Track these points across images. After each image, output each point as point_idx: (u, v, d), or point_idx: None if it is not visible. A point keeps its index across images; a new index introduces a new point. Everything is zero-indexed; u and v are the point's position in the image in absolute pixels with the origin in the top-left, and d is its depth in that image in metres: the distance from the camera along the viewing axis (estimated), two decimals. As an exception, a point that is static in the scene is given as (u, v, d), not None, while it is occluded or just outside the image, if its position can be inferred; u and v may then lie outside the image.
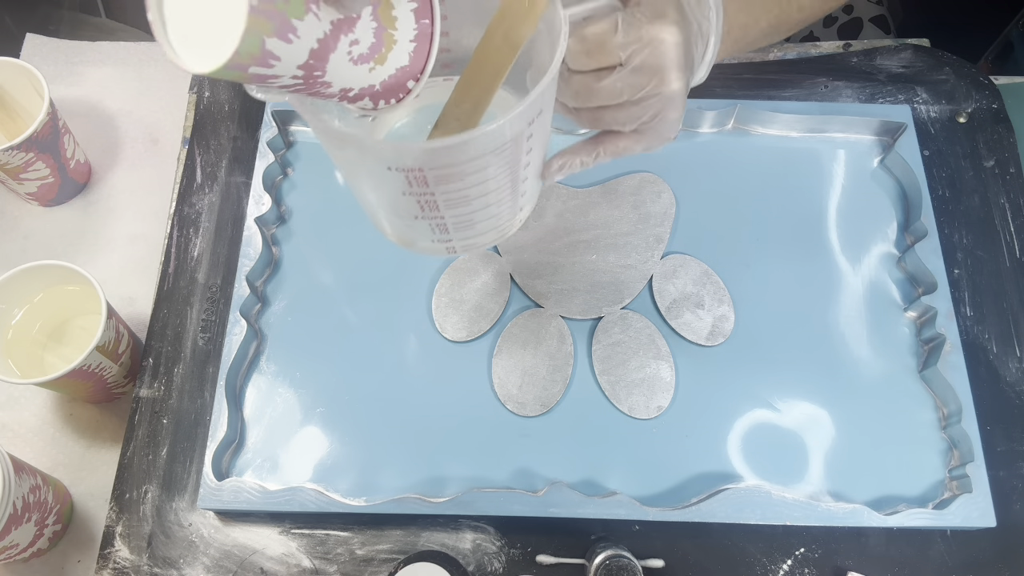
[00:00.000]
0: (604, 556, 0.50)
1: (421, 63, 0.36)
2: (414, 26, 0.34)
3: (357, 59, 0.33)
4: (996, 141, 0.68)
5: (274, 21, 0.28)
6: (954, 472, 0.56)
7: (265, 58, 0.29)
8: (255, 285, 0.60)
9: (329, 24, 0.31)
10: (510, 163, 0.38)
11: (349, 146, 0.37)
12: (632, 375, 0.58)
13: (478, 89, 0.38)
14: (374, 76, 0.34)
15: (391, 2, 0.33)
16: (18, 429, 0.59)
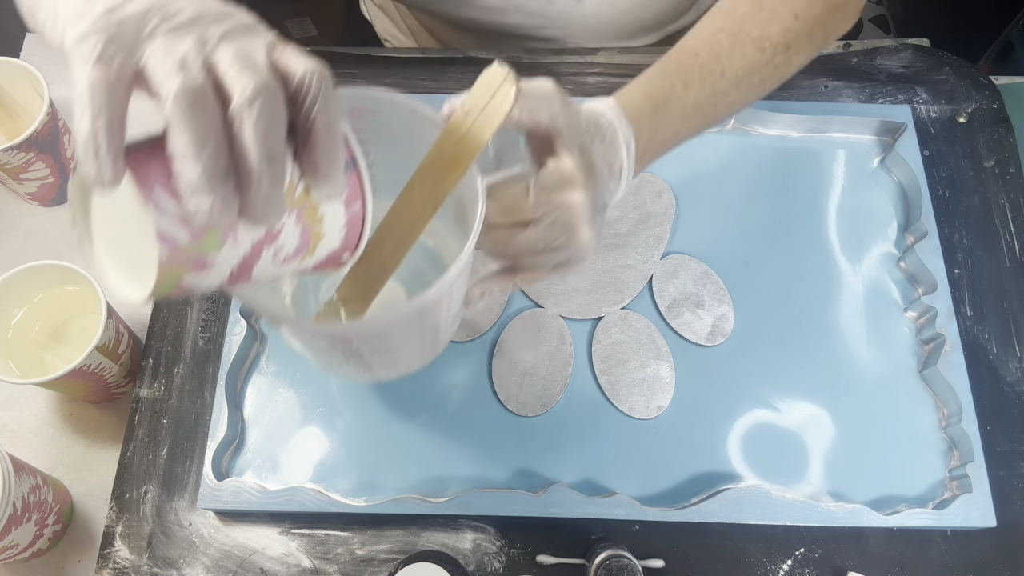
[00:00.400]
0: (604, 556, 0.50)
1: (355, 240, 0.35)
2: (344, 215, 0.33)
3: (283, 260, 0.32)
4: (996, 141, 0.68)
5: (188, 264, 0.28)
6: (954, 472, 0.56)
7: (184, 288, 0.30)
8: (255, 285, 0.60)
9: (249, 245, 0.30)
10: (433, 318, 0.41)
11: (282, 323, 0.41)
12: (632, 375, 0.58)
13: (398, 236, 0.39)
14: (304, 264, 0.34)
15: (314, 203, 0.32)
16: (18, 429, 0.59)
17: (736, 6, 0.49)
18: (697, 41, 0.48)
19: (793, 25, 0.49)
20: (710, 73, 0.47)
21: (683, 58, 0.47)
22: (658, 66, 0.47)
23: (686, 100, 0.47)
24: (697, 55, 0.47)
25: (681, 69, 0.47)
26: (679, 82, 0.46)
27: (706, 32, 0.48)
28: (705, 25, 0.49)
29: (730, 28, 0.48)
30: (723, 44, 0.47)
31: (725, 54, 0.47)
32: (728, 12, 0.49)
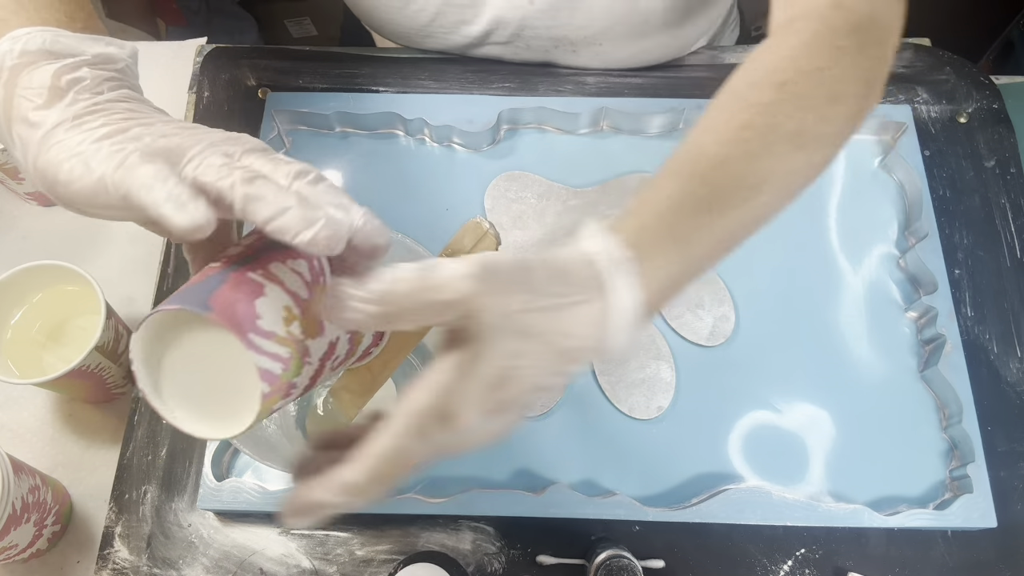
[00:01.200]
0: (604, 556, 0.50)
1: (380, 333, 0.39)
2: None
3: (335, 367, 0.36)
4: (997, 141, 0.68)
5: (281, 391, 0.31)
6: (955, 472, 0.56)
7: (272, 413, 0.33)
8: (255, 285, 0.60)
9: (318, 361, 0.34)
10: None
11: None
12: (632, 375, 0.58)
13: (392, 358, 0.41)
14: (348, 364, 0.38)
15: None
16: (17, 429, 0.59)
17: (756, 94, 0.39)
18: (719, 144, 0.38)
19: (830, 112, 0.39)
20: (743, 185, 0.37)
21: (708, 170, 0.37)
22: (685, 180, 0.36)
23: (721, 227, 0.37)
24: (725, 162, 0.37)
25: (707, 183, 0.36)
26: (709, 205, 0.36)
27: (728, 131, 0.38)
28: (722, 120, 0.39)
29: (757, 123, 0.38)
30: (753, 144, 0.37)
31: (757, 156, 0.37)
32: (749, 103, 0.39)
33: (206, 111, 0.68)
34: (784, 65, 0.39)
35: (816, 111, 0.39)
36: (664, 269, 0.34)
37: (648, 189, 0.37)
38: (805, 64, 0.39)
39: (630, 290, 0.33)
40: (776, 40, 0.42)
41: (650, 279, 0.34)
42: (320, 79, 0.69)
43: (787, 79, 0.39)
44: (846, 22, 0.41)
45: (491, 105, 0.65)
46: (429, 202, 0.65)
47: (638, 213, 0.35)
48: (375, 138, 0.67)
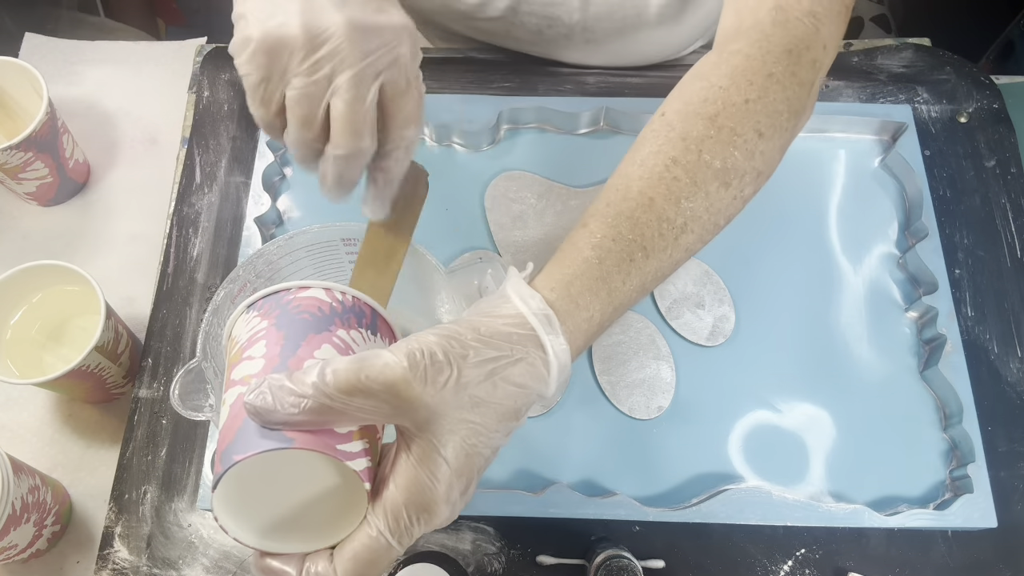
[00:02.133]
0: (604, 556, 0.50)
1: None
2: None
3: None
4: (997, 141, 0.68)
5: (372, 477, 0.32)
6: (955, 473, 0.56)
7: None
8: (254, 285, 0.60)
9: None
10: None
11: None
12: (632, 375, 0.58)
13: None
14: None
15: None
16: (17, 429, 0.59)
17: (687, 126, 0.39)
18: (648, 182, 0.38)
19: (759, 146, 0.40)
20: (670, 227, 0.38)
21: (637, 211, 0.38)
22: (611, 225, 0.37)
23: (646, 271, 0.38)
24: (652, 204, 0.38)
25: (636, 227, 0.37)
26: (638, 250, 0.37)
27: (657, 166, 0.39)
28: (652, 152, 0.39)
29: (685, 160, 0.39)
30: (681, 183, 0.38)
31: (686, 196, 0.38)
32: (680, 136, 0.39)
33: (206, 111, 0.68)
34: (715, 96, 0.40)
35: (743, 147, 0.39)
36: (594, 317, 0.36)
37: (581, 232, 0.38)
38: (735, 96, 0.40)
39: (563, 344, 0.34)
40: (714, 61, 0.42)
41: (581, 327, 0.35)
42: (320, 79, 0.69)
43: (717, 111, 0.39)
44: (780, 44, 0.41)
45: (491, 105, 0.65)
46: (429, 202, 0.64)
47: (569, 262, 0.36)
48: (375, 138, 0.67)
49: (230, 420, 0.32)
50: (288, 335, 0.34)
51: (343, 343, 0.35)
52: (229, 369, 0.35)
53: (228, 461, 0.30)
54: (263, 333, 0.35)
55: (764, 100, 0.40)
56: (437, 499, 0.31)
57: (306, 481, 0.32)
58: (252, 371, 0.33)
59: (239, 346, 0.35)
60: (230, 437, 0.31)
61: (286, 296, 0.36)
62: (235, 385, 0.33)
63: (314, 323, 0.35)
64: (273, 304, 0.36)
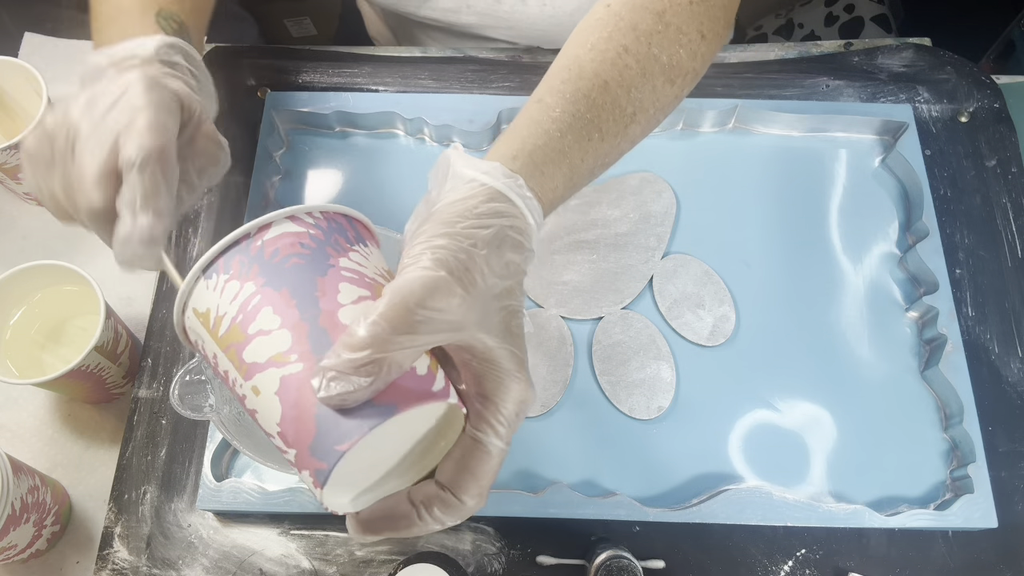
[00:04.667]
0: (604, 557, 0.50)
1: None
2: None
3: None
4: (998, 140, 0.67)
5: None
6: (955, 473, 0.56)
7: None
8: (254, 285, 0.60)
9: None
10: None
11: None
12: (632, 375, 0.58)
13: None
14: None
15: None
16: (16, 429, 0.59)
17: (636, 18, 0.40)
18: (601, 64, 0.39)
19: (701, 48, 0.42)
20: (622, 114, 0.39)
21: (593, 92, 0.38)
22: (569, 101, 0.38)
23: (599, 152, 0.39)
24: (607, 87, 0.38)
25: (594, 108, 0.38)
26: (595, 131, 0.38)
27: (609, 52, 0.39)
28: (602, 38, 0.40)
29: (637, 49, 0.39)
30: (632, 72, 0.39)
31: (635, 86, 0.39)
32: (629, 26, 0.40)
33: (206, 111, 0.68)
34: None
35: (688, 46, 0.41)
36: (557, 188, 0.37)
37: (536, 106, 0.38)
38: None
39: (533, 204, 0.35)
40: None
41: (547, 195, 0.36)
42: (320, 79, 0.69)
43: (664, 9, 0.40)
44: None
45: (491, 105, 0.65)
46: (429, 202, 0.64)
47: (529, 133, 0.36)
48: (375, 138, 0.67)
49: (292, 410, 0.28)
50: (294, 291, 0.30)
51: (354, 272, 0.31)
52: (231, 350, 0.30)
53: (331, 453, 0.27)
54: (259, 299, 0.30)
55: (705, 4, 0.42)
56: (526, 385, 0.32)
57: (401, 431, 0.30)
58: (281, 347, 0.29)
59: (232, 322, 0.30)
60: (310, 428, 0.28)
61: (252, 245, 0.31)
62: (265, 368, 0.29)
63: (310, 265, 0.31)
64: (244, 260, 0.31)
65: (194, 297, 0.31)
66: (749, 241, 0.63)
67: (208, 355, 0.31)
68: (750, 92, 0.68)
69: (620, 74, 0.39)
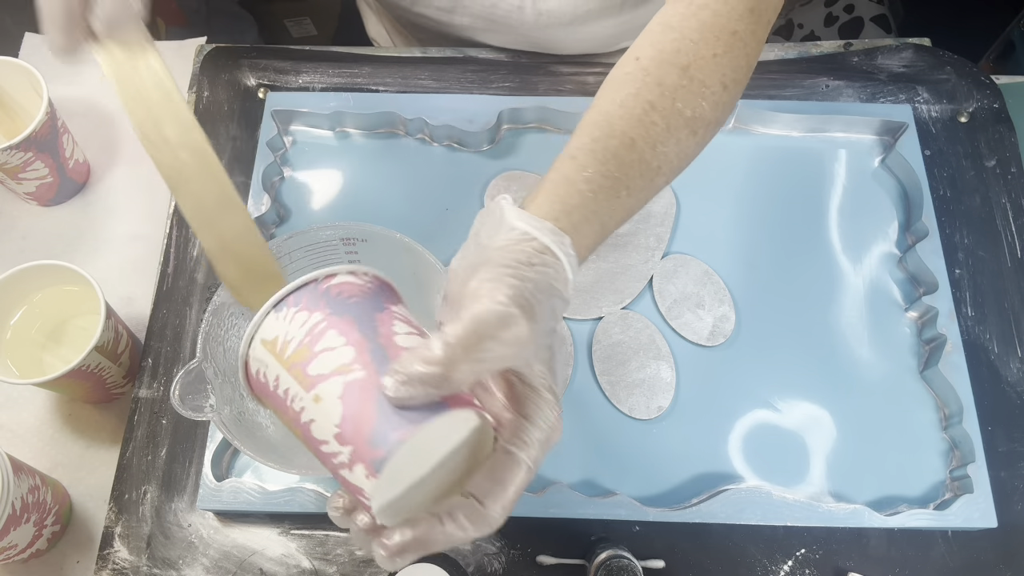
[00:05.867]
0: (604, 556, 0.50)
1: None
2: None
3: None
4: (997, 141, 0.67)
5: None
6: (955, 473, 0.56)
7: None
8: (254, 285, 0.60)
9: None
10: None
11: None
12: (632, 375, 0.58)
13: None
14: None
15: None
16: (17, 429, 0.59)
17: (662, 73, 0.42)
18: (629, 122, 0.41)
19: (723, 98, 0.43)
20: (648, 169, 0.41)
21: (621, 150, 0.40)
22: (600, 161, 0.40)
23: (627, 207, 0.41)
24: (634, 145, 0.40)
25: (622, 167, 0.40)
26: (623, 189, 0.40)
27: (636, 109, 0.41)
28: (630, 95, 0.41)
29: (662, 106, 0.41)
30: (658, 128, 0.41)
31: (661, 142, 0.41)
32: (656, 82, 0.42)
33: (206, 111, 0.68)
34: (687, 48, 0.43)
35: (711, 98, 0.43)
36: (588, 240, 0.40)
37: (571, 164, 0.40)
38: (704, 50, 0.43)
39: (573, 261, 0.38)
40: (683, 12, 0.44)
41: (582, 250, 0.39)
42: (320, 79, 0.69)
43: (689, 63, 0.42)
44: (744, 2, 0.44)
45: (491, 105, 0.65)
46: (429, 202, 0.64)
47: (565, 193, 0.39)
48: (375, 138, 0.67)
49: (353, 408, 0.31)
50: (356, 318, 0.34)
51: (404, 318, 0.35)
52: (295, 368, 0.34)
53: (390, 442, 0.30)
54: (324, 324, 0.34)
55: (729, 55, 0.43)
56: (560, 416, 0.35)
57: (445, 436, 0.32)
58: (345, 359, 0.32)
59: (299, 344, 0.34)
60: (370, 423, 0.31)
61: (320, 287, 0.35)
62: (329, 378, 0.32)
63: (368, 304, 0.35)
64: (311, 297, 0.35)
65: (262, 329, 0.35)
66: (749, 241, 0.63)
67: (269, 379, 0.35)
68: (750, 92, 0.68)
69: (647, 131, 0.41)
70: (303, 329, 0.34)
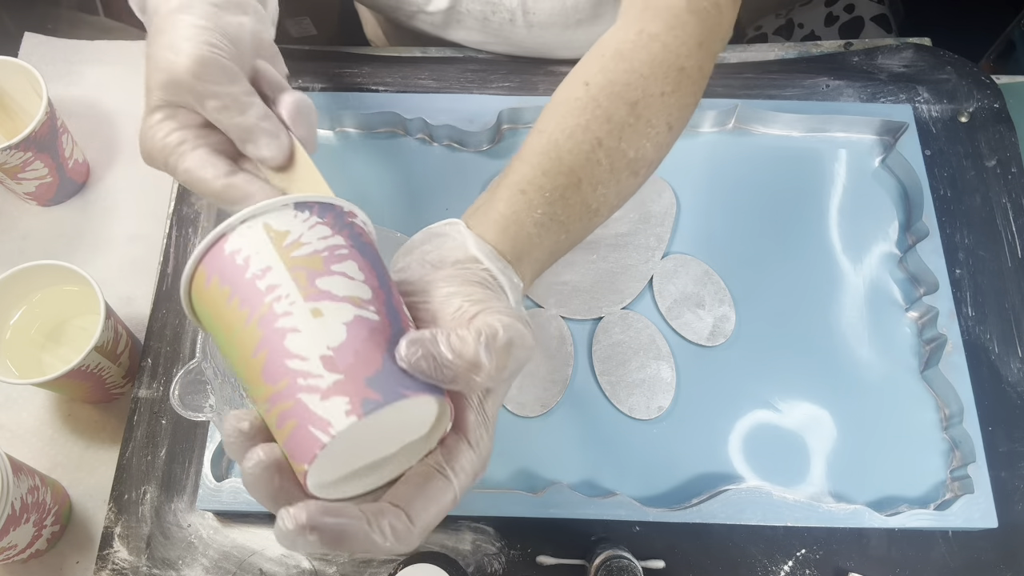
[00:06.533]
0: (604, 557, 0.50)
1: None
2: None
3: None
4: (998, 140, 0.67)
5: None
6: (955, 473, 0.56)
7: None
8: (254, 285, 0.60)
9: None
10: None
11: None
12: (632, 375, 0.58)
13: None
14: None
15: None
16: (16, 429, 0.59)
17: (612, 108, 0.42)
18: (577, 158, 0.41)
19: (666, 139, 0.44)
20: (587, 211, 0.42)
21: (568, 191, 0.41)
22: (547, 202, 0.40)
23: (564, 248, 0.43)
24: (579, 186, 0.41)
25: (567, 209, 0.41)
26: (564, 232, 0.41)
27: (584, 144, 0.41)
28: (580, 126, 0.41)
29: (608, 144, 0.41)
30: (602, 168, 0.41)
31: (603, 183, 0.42)
32: (605, 116, 0.41)
33: (206, 111, 0.68)
34: (637, 83, 0.42)
35: (655, 139, 0.43)
36: (531, 271, 0.41)
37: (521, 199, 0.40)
38: (653, 87, 0.43)
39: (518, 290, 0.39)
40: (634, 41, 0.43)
41: (525, 276, 0.40)
42: (320, 79, 0.69)
43: (638, 99, 0.42)
44: (694, 36, 0.44)
45: (491, 105, 0.65)
46: (429, 202, 0.64)
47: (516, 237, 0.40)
48: (375, 138, 0.67)
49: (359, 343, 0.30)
50: (374, 266, 0.33)
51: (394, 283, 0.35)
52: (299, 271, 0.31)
53: (393, 393, 0.29)
54: (346, 252, 0.32)
55: (677, 95, 0.43)
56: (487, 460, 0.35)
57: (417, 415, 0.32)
58: (362, 294, 0.31)
59: (315, 251, 0.31)
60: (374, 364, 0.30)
61: (344, 214, 0.33)
62: (340, 301, 0.30)
63: (381, 260, 0.34)
64: (336, 218, 0.33)
65: (274, 216, 0.32)
66: (749, 241, 0.63)
67: (252, 266, 0.31)
68: (750, 92, 0.68)
69: (592, 171, 0.41)
70: (323, 243, 0.32)
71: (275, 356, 0.30)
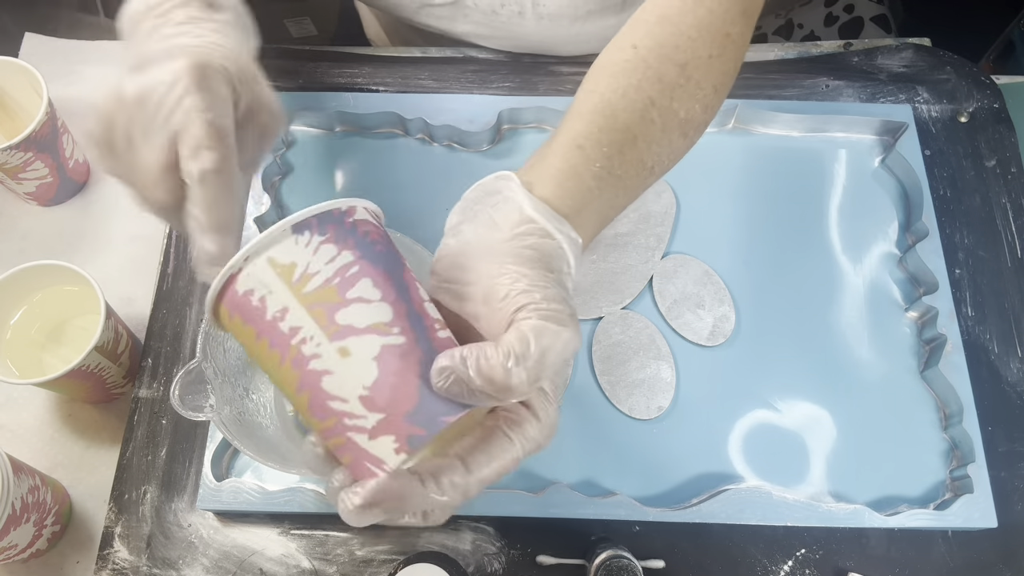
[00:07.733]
0: (604, 556, 0.50)
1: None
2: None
3: None
4: (997, 141, 0.67)
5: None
6: (955, 473, 0.56)
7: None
8: (254, 285, 0.60)
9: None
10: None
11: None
12: (632, 375, 0.58)
13: None
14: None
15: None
16: (17, 429, 0.59)
17: (662, 69, 0.42)
18: (632, 116, 0.41)
19: (713, 101, 0.44)
20: (643, 168, 0.41)
21: (625, 147, 0.40)
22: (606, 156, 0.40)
23: (622, 205, 0.42)
24: (635, 143, 0.41)
25: (624, 164, 0.40)
26: (622, 188, 0.41)
27: (638, 103, 0.41)
28: (632, 86, 0.41)
29: (661, 103, 0.41)
30: (656, 127, 0.41)
31: (656, 141, 0.41)
32: (656, 77, 0.41)
33: (206, 111, 0.68)
34: (685, 45, 0.42)
35: (703, 101, 0.43)
36: (592, 225, 0.40)
37: (579, 154, 0.40)
38: (702, 50, 0.43)
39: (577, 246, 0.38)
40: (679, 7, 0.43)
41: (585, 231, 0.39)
42: (320, 79, 0.69)
43: (687, 61, 0.42)
44: (738, 4, 0.44)
45: (491, 105, 0.65)
46: (429, 202, 0.64)
47: (576, 190, 0.39)
48: (375, 138, 0.67)
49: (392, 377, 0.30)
50: (388, 272, 0.31)
51: (415, 276, 0.33)
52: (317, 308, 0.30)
53: (435, 423, 0.30)
54: (358, 269, 0.31)
55: (722, 58, 0.43)
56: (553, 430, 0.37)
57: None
58: (383, 318, 0.30)
59: (327, 282, 0.30)
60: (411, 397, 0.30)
61: (346, 219, 0.32)
62: (363, 334, 0.30)
63: (393, 255, 0.33)
64: (338, 229, 0.31)
65: (276, 248, 0.31)
66: (749, 241, 0.63)
67: (269, 307, 0.31)
68: (750, 92, 0.68)
69: (646, 129, 0.41)
70: (331, 267, 0.31)
71: (317, 398, 0.31)
